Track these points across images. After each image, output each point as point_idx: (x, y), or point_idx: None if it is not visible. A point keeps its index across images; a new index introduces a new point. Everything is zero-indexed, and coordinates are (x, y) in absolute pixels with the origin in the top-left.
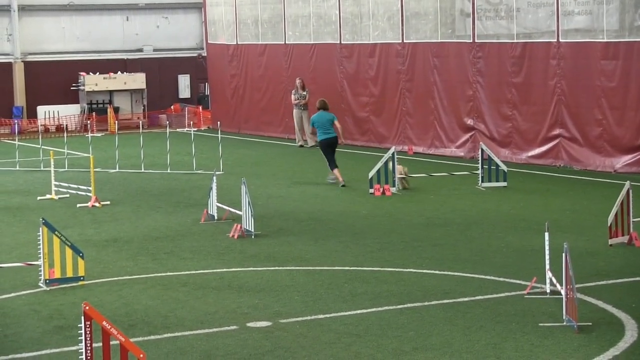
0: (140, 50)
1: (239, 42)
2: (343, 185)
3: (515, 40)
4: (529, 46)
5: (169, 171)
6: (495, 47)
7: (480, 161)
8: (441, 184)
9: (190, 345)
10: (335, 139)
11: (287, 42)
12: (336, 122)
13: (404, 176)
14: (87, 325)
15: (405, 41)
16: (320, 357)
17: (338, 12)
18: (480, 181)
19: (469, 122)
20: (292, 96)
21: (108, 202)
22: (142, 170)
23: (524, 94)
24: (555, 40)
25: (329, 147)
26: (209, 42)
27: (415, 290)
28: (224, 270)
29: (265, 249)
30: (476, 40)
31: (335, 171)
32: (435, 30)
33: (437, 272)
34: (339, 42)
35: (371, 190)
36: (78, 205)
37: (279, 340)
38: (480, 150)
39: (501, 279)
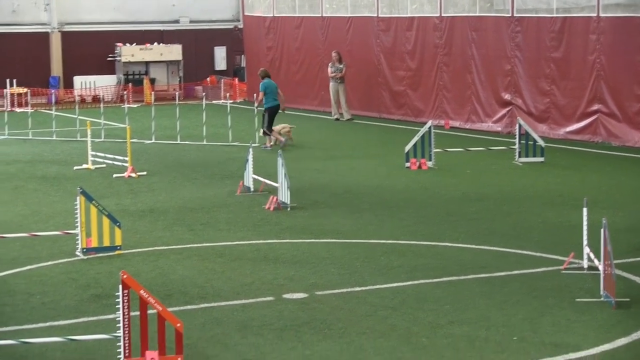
0: (177, 21)
1: (275, 15)
2: (283, 145)
3: (554, 15)
4: (569, 21)
5: (204, 143)
6: (534, 21)
7: (517, 136)
8: (478, 159)
9: (226, 315)
10: (278, 106)
11: (324, 15)
12: (279, 91)
13: (288, 130)
14: (125, 294)
15: (443, 15)
16: (357, 330)
17: None
18: (517, 156)
19: (507, 96)
20: (329, 69)
21: (144, 173)
22: (178, 142)
23: (562, 69)
24: (595, 14)
25: (275, 113)
26: (245, 14)
27: (451, 264)
28: (260, 241)
29: (301, 221)
30: (515, 15)
31: (275, 134)
32: (474, 4)
33: (473, 246)
34: (376, 15)
35: (407, 164)
36: (114, 175)
37: (315, 312)
38: (517, 125)
39: (538, 254)
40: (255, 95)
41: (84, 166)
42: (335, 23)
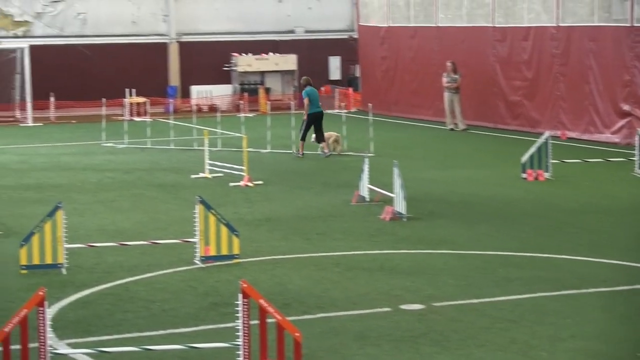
0: (292, 31)
1: (390, 25)
2: (328, 155)
3: None
4: None
5: (318, 152)
6: None
7: (636, 147)
8: (596, 170)
9: (343, 325)
10: (323, 113)
11: (439, 25)
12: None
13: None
14: (244, 303)
15: (560, 24)
16: (475, 342)
17: None
18: (636, 168)
19: (626, 107)
20: (444, 79)
21: (260, 182)
22: (293, 151)
23: None
24: None
25: (318, 120)
26: (360, 24)
27: (570, 277)
28: (376, 252)
29: (416, 231)
30: (634, 24)
31: (302, 144)
32: (592, 13)
33: (592, 259)
34: (491, 25)
35: (524, 175)
36: (231, 184)
37: (432, 324)
38: (637, 136)
39: None
40: (369, 105)
41: (201, 175)
42: (450, 33)
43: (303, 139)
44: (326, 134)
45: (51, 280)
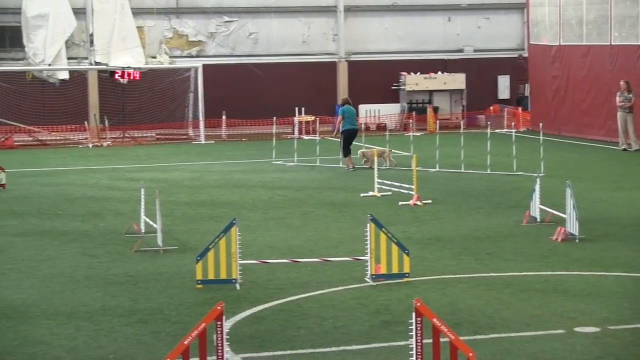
0: (461, 50)
1: (561, 43)
2: (354, 170)
3: None
4: None
5: (488, 172)
6: None
7: None
8: None
9: (516, 347)
10: (357, 131)
11: (612, 44)
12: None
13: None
14: (418, 322)
15: None
16: None
17: None
18: None
19: None
20: (617, 98)
21: (429, 201)
22: (462, 170)
23: None
24: None
25: (352, 136)
26: (530, 42)
27: None
28: (548, 273)
29: (590, 253)
30: None
31: (348, 159)
32: None
33: None
34: None
35: None
36: (400, 203)
37: (608, 347)
38: None
39: None
40: (540, 124)
41: (370, 193)
42: (624, 51)
43: (347, 154)
44: (379, 149)
45: (226, 295)
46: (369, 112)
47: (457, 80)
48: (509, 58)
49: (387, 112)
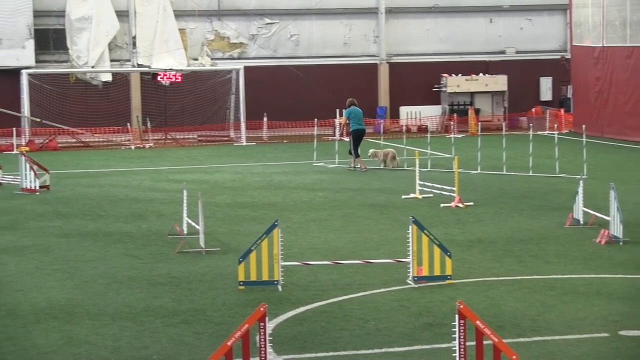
0: (503, 52)
1: (605, 45)
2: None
3: None
4: None
5: (530, 174)
6: None
7: None
8: None
9: (560, 350)
10: (364, 131)
11: None
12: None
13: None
14: (461, 324)
15: None
16: None
17: None
18: None
19: None
20: None
21: (471, 203)
22: (504, 172)
23: None
24: None
25: (360, 137)
26: (573, 44)
27: None
28: (592, 275)
29: (634, 256)
30: None
31: (359, 159)
32: None
33: None
34: None
35: None
36: (441, 205)
37: None
38: None
39: None
40: (583, 126)
41: (412, 195)
42: None
43: (357, 155)
44: (384, 150)
45: (268, 297)
46: (410, 114)
47: (499, 82)
48: (551, 59)
49: (428, 114)
